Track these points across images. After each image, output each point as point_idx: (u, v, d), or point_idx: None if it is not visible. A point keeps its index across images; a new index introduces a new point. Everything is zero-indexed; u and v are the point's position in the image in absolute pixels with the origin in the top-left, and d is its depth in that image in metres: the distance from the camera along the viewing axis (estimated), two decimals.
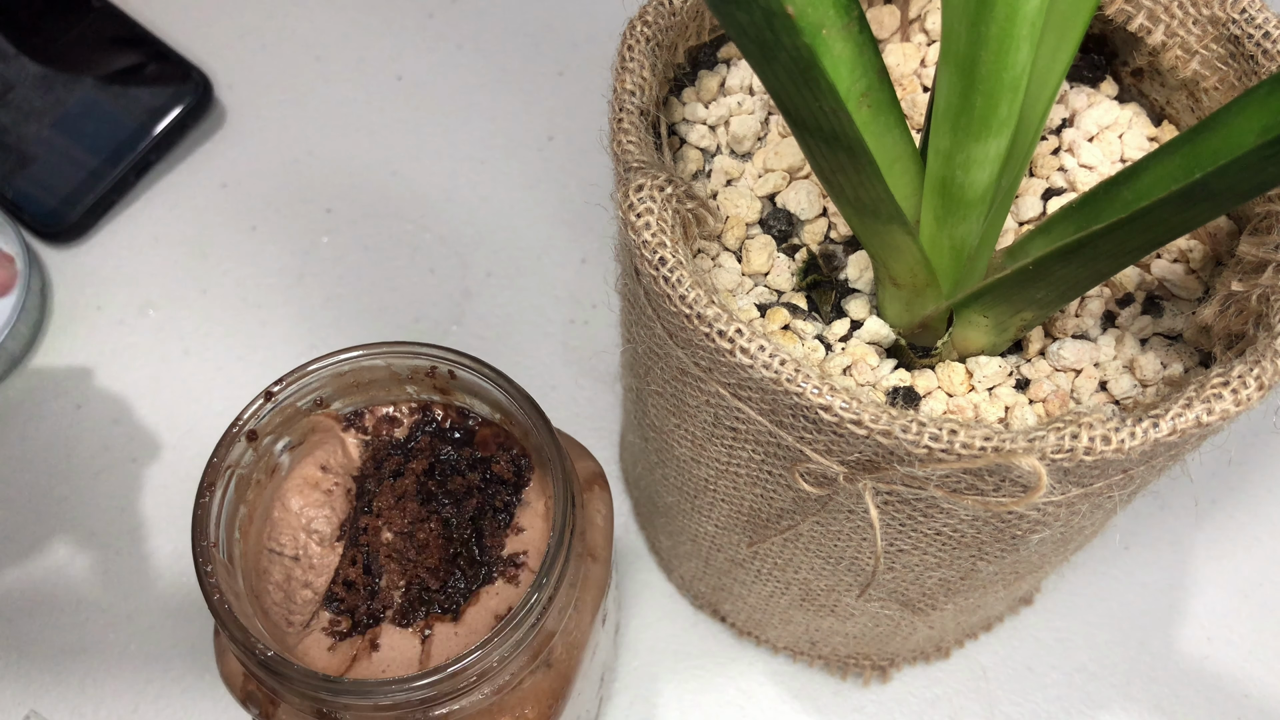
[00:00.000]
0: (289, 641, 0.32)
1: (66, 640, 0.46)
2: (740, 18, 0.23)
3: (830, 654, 0.45)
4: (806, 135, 0.26)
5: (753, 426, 0.30)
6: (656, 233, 0.28)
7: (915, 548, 0.33)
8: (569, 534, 0.30)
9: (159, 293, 0.53)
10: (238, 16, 0.60)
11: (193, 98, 0.55)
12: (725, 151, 0.34)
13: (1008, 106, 0.26)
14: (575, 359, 0.52)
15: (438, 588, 0.32)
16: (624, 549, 0.48)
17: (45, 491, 0.49)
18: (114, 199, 0.54)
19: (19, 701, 0.45)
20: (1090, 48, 0.35)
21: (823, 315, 0.32)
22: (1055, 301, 0.29)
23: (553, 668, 0.32)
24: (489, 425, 0.34)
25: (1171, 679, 0.46)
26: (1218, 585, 0.48)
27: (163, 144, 0.55)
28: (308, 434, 0.34)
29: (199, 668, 0.46)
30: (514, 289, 0.53)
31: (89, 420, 0.50)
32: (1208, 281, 0.32)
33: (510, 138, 0.57)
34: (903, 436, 0.26)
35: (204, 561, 0.30)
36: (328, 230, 0.55)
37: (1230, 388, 0.26)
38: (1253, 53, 0.31)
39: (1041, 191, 0.34)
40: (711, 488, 0.36)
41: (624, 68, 0.31)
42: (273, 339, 0.52)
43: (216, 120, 0.57)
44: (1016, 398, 0.30)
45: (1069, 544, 0.35)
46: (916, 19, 0.35)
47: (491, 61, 0.59)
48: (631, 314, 0.33)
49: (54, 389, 0.51)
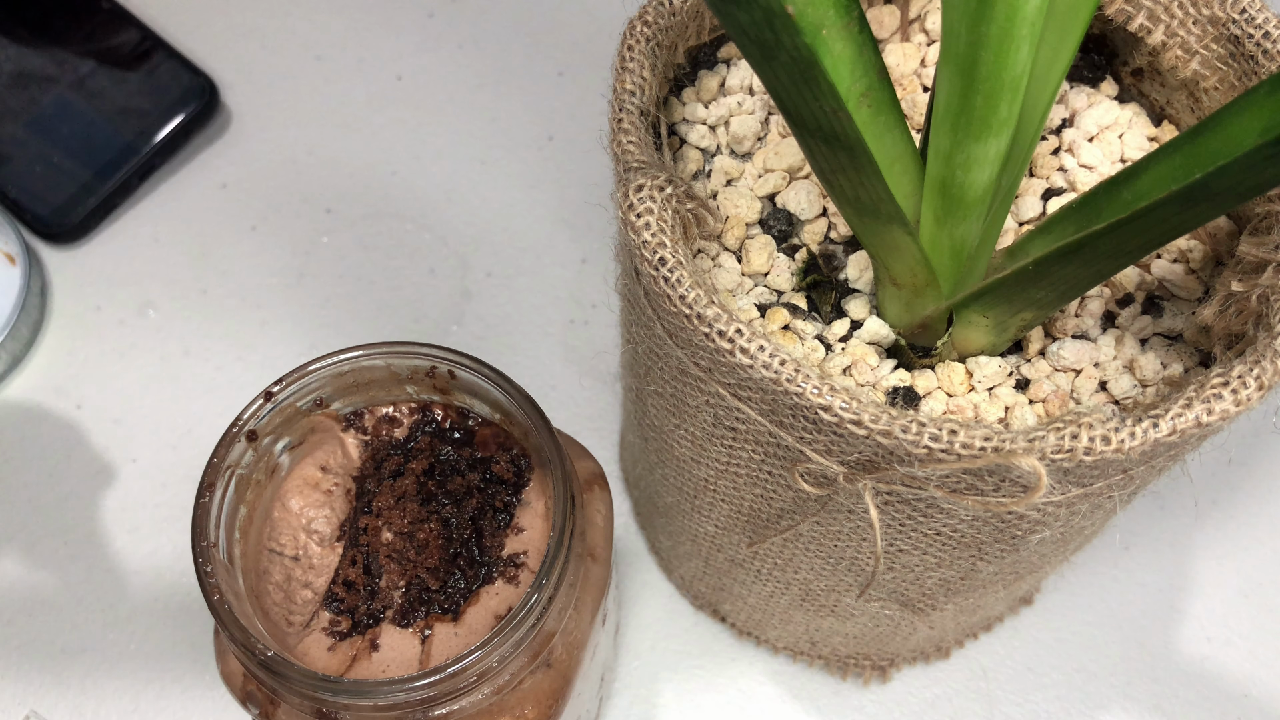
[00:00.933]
0: (289, 641, 0.32)
1: (66, 640, 0.46)
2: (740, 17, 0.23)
3: (830, 654, 0.45)
4: (806, 135, 0.26)
5: (753, 427, 0.30)
6: (656, 233, 0.28)
7: (915, 548, 0.33)
8: (569, 534, 0.30)
9: (159, 293, 0.53)
10: (238, 16, 0.60)
11: (199, 103, 0.55)
12: (725, 151, 0.34)
13: (1008, 106, 0.26)
14: (575, 359, 0.52)
15: (437, 588, 0.32)
16: (624, 549, 0.48)
17: (45, 491, 0.49)
18: (116, 201, 0.54)
19: (19, 701, 0.45)
20: (1090, 48, 0.35)
21: (823, 315, 0.32)
22: (1055, 302, 0.29)
23: (553, 668, 0.32)
24: (489, 425, 0.34)
25: (1171, 679, 0.46)
26: (1218, 585, 0.48)
27: (167, 148, 0.55)
28: (307, 434, 0.34)
29: (199, 668, 0.46)
30: (514, 289, 0.53)
31: (89, 420, 0.50)
32: (1208, 282, 0.32)
33: (510, 138, 0.57)
34: (903, 437, 0.26)
35: (204, 562, 0.30)
36: (328, 230, 0.55)
37: (1230, 388, 0.26)
38: (1253, 53, 0.31)
39: (1041, 191, 0.34)
40: (711, 488, 0.36)
41: (624, 68, 0.31)
42: (273, 339, 0.52)
43: (221, 124, 0.57)
44: (1016, 398, 0.30)
45: (1069, 544, 0.35)
46: (916, 19, 0.35)
47: (491, 61, 0.59)
48: (631, 314, 0.33)
49: (54, 389, 0.51)
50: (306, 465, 0.33)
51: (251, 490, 0.33)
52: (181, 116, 0.55)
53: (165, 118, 0.55)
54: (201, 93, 0.55)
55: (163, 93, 0.55)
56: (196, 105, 0.55)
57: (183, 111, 0.55)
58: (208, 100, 0.55)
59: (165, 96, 0.55)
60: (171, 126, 0.54)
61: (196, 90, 0.55)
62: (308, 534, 0.33)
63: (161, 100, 0.55)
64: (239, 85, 0.58)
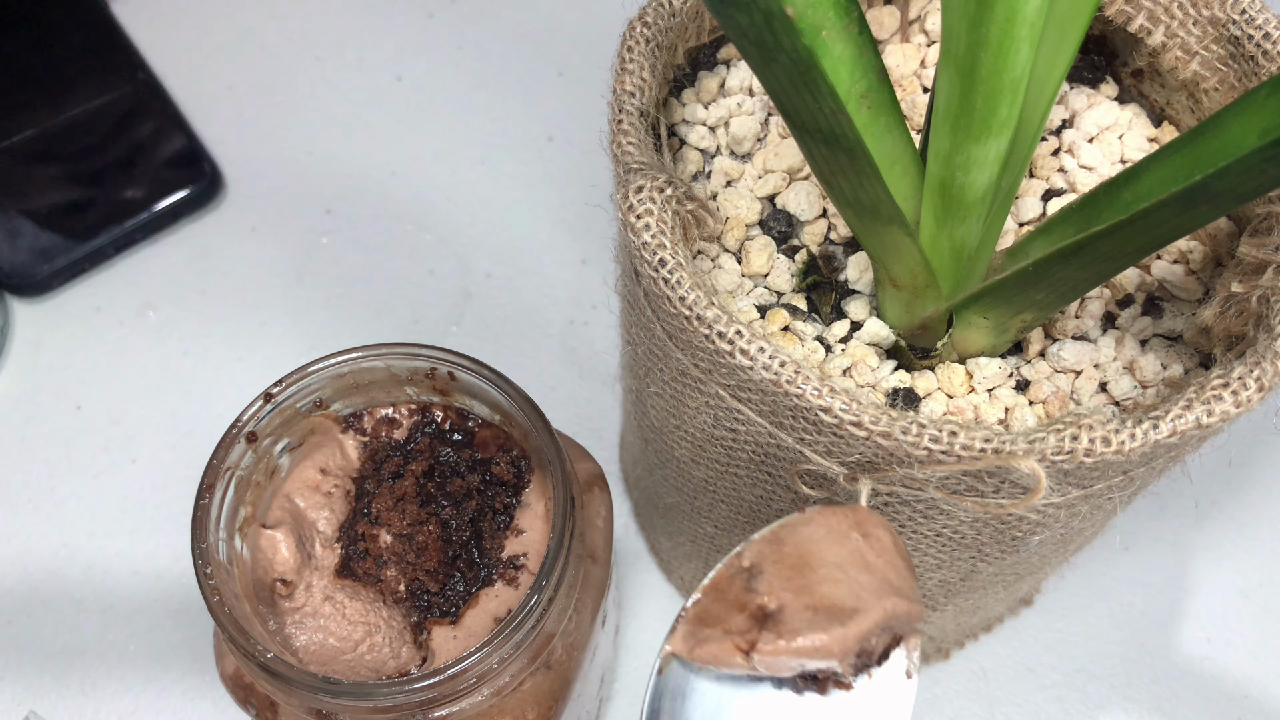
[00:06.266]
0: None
1: (66, 640, 0.46)
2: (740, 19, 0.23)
3: None
4: (806, 136, 0.26)
5: (752, 428, 0.30)
6: (656, 234, 0.28)
7: (915, 549, 0.33)
8: (569, 536, 0.30)
9: (159, 293, 0.53)
10: (238, 16, 0.60)
11: (196, 188, 0.54)
12: (725, 152, 0.34)
13: (1008, 108, 0.26)
14: (575, 360, 0.52)
15: (437, 590, 0.32)
16: (624, 550, 0.48)
17: (45, 491, 0.49)
18: (87, 266, 0.53)
19: (19, 701, 0.45)
20: (1090, 48, 0.35)
21: (822, 316, 0.32)
22: (1055, 303, 0.29)
23: (552, 669, 0.32)
24: (489, 427, 0.34)
25: (1171, 679, 0.46)
26: (1218, 586, 0.48)
27: (152, 225, 0.53)
28: (307, 435, 0.34)
29: (199, 668, 0.46)
30: (513, 290, 0.53)
31: (89, 420, 0.50)
32: (1208, 283, 0.32)
33: (510, 138, 0.57)
34: (902, 438, 0.26)
35: (204, 563, 0.30)
36: (327, 231, 0.55)
37: (1230, 389, 0.26)
38: (1253, 54, 0.31)
39: (1041, 193, 0.34)
40: (711, 489, 0.36)
41: (624, 69, 0.31)
42: (272, 339, 0.52)
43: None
44: (1016, 399, 0.30)
45: (1069, 545, 0.35)
46: (916, 20, 0.35)
47: (491, 61, 0.59)
48: (631, 315, 0.33)
49: (54, 389, 0.51)
50: (306, 467, 0.33)
51: (251, 491, 0.33)
52: (177, 197, 0.53)
53: (159, 196, 0.53)
54: (204, 178, 0.54)
55: (165, 173, 0.54)
56: (194, 189, 0.54)
57: (179, 192, 0.53)
58: (208, 185, 0.54)
59: (165, 177, 0.54)
60: (162, 205, 0.53)
61: (199, 174, 0.54)
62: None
63: (162, 181, 0.53)
64: (240, 85, 0.58)
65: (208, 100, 0.57)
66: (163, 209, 0.53)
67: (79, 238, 0.52)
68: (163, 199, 0.53)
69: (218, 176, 0.55)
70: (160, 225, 0.53)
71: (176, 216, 0.54)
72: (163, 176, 0.54)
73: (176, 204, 0.53)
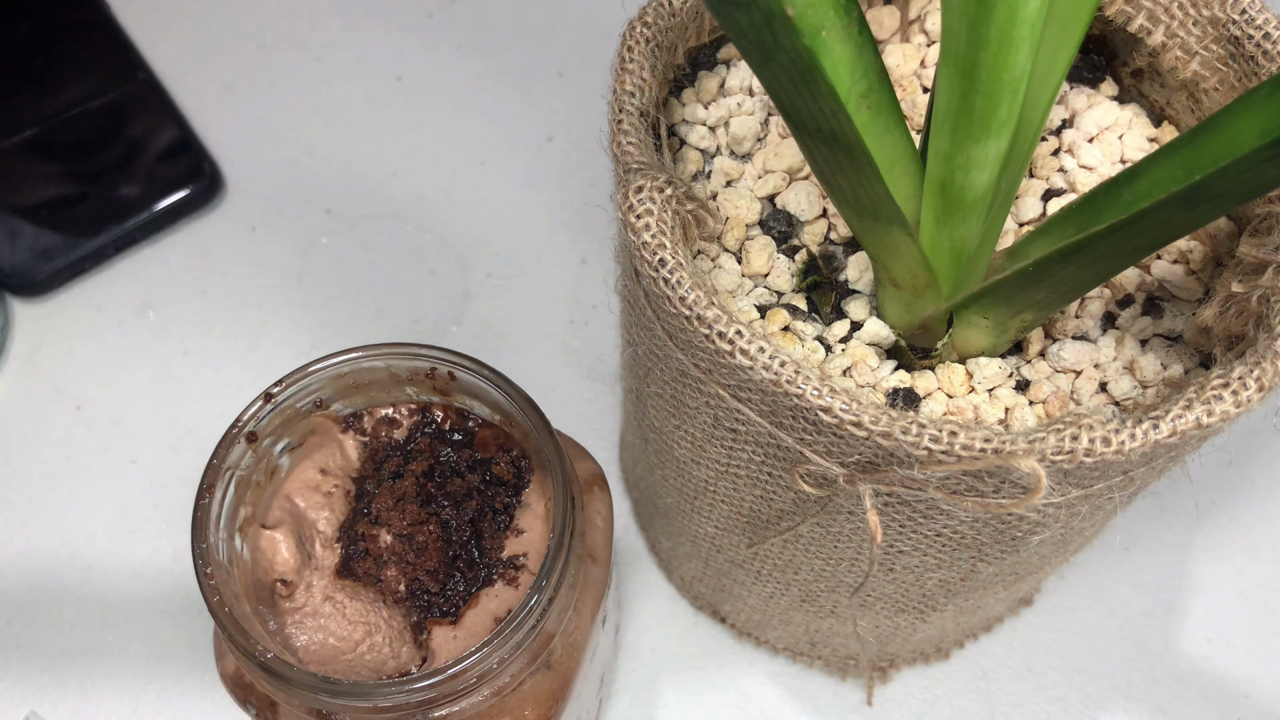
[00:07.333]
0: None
1: (66, 640, 0.46)
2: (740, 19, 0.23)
3: (830, 654, 0.45)
4: (806, 136, 0.26)
5: (752, 428, 0.30)
6: (656, 234, 0.28)
7: (915, 549, 0.33)
8: (569, 536, 0.30)
9: (159, 293, 0.53)
10: (238, 16, 0.60)
11: (196, 188, 0.53)
12: (725, 152, 0.34)
13: (1008, 108, 0.26)
14: (575, 360, 0.52)
15: (437, 590, 0.32)
16: (624, 550, 0.48)
17: (45, 491, 0.49)
18: (87, 266, 0.53)
19: (19, 702, 0.45)
20: (1090, 48, 0.35)
21: (823, 316, 0.32)
22: (1055, 303, 0.29)
23: (552, 669, 0.32)
24: (489, 427, 0.34)
25: (1171, 679, 0.46)
26: (1217, 586, 0.48)
27: (152, 225, 0.53)
28: (307, 435, 0.34)
29: (199, 668, 0.46)
30: (514, 290, 0.53)
31: (89, 420, 0.50)
32: (1208, 283, 0.32)
33: (510, 138, 0.57)
34: (902, 438, 0.26)
35: (204, 563, 0.30)
36: (327, 231, 0.55)
37: (1230, 389, 0.26)
38: (1253, 53, 0.31)
39: (1041, 192, 0.34)
40: (711, 489, 0.36)
41: (624, 68, 0.31)
42: (272, 339, 0.52)
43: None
44: (1016, 399, 0.30)
45: (1069, 545, 0.35)
46: (916, 20, 0.35)
47: (491, 61, 0.59)
48: (631, 315, 0.33)
49: (54, 389, 0.51)
50: (306, 467, 0.33)
51: (251, 491, 0.33)
52: (175, 198, 0.53)
53: (158, 197, 0.53)
54: (204, 178, 0.54)
55: (163, 173, 0.54)
56: (194, 189, 0.53)
57: (178, 193, 0.53)
58: (208, 187, 0.54)
59: (164, 178, 0.53)
60: (162, 205, 0.53)
61: (199, 176, 0.54)
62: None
63: (160, 181, 0.53)
64: (239, 85, 0.58)
65: (208, 100, 0.57)
66: (163, 209, 0.53)
67: (79, 238, 0.52)
68: (163, 199, 0.53)
69: (217, 176, 0.55)
70: (160, 225, 0.53)
71: (176, 216, 0.54)
72: (163, 176, 0.54)
73: (176, 204, 0.53)
